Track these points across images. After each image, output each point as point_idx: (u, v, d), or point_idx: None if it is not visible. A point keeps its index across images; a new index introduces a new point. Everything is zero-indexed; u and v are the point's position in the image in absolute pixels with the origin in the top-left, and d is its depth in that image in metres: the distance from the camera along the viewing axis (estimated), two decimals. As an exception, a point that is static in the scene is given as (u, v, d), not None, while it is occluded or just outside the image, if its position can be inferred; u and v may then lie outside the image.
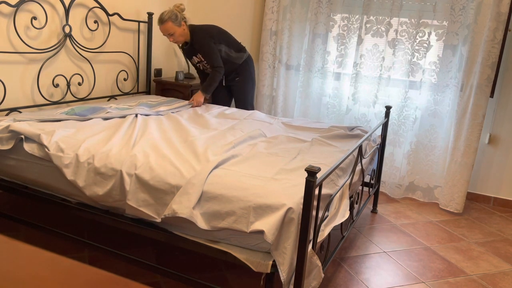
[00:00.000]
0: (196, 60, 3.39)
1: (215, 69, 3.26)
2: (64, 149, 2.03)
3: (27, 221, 2.25)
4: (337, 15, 3.58)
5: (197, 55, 3.33)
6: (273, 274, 1.62)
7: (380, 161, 3.09)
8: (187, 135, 2.36)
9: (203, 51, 3.26)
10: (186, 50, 3.38)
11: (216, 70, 3.26)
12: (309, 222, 1.53)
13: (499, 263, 2.54)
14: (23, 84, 2.73)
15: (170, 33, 3.15)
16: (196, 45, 3.27)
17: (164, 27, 3.13)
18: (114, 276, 0.48)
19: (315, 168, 1.50)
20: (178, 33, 3.17)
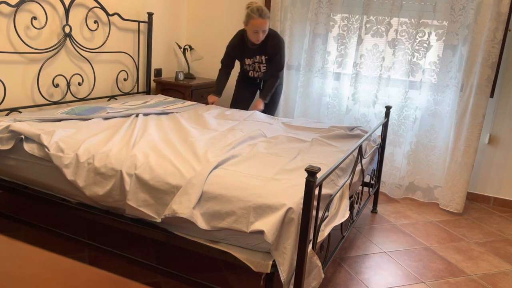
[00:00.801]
0: (254, 60, 3.31)
1: (277, 74, 3.28)
2: (64, 149, 2.03)
3: (27, 221, 2.25)
4: (337, 15, 3.58)
5: (261, 55, 3.27)
6: (273, 274, 1.62)
7: (380, 161, 3.09)
8: (187, 136, 2.36)
9: (280, 54, 3.25)
10: (251, 48, 3.26)
11: (278, 75, 3.29)
12: (309, 222, 1.53)
13: (499, 263, 2.54)
14: (23, 84, 2.73)
15: (264, 30, 3.07)
16: (271, 46, 3.21)
17: (266, 23, 3.05)
18: (114, 276, 0.48)
19: (315, 168, 1.50)
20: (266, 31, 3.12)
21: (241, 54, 3.34)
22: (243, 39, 3.28)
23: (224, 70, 3.42)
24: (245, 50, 3.31)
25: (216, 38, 4.16)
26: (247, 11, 3.09)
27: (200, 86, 3.89)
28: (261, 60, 3.31)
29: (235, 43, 3.32)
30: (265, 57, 3.30)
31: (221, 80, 3.42)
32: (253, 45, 3.25)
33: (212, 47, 4.19)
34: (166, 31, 3.99)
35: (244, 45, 3.29)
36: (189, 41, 4.27)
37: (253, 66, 3.37)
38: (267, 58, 3.30)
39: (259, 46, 3.24)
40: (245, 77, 3.51)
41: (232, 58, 3.38)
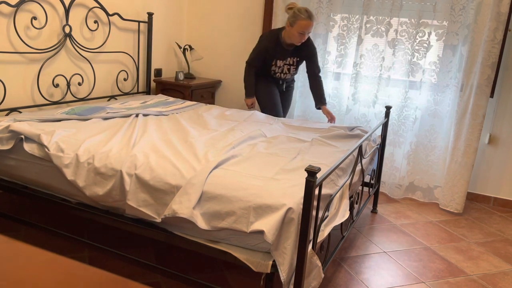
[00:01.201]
0: (285, 62, 3.26)
1: (319, 74, 3.29)
2: (64, 149, 2.03)
3: (27, 221, 2.25)
4: (337, 15, 3.58)
5: (293, 57, 3.25)
6: (273, 274, 1.62)
7: (380, 161, 3.09)
8: (187, 136, 2.36)
9: (316, 55, 3.27)
10: (287, 50, 3.20)
11: (320, 76, 3.31)
12: (309, 222, 1.53)
13: (499, 263, 2.54)
14: (23, 84, 2.73)
15: (309, 32, 3.06)
16: (306, 48, 3.20)
17: (313, 25, 3.03)
18: (114, 276, 0.48)
19: (315, 168, 1.50)
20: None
21: (273, 56, 3.23)
22: (278, 40, 3.18)
23: (252, 71, 3.31)
24: (279, 51, 3.21)
25: (216, 38, 4.16)
26: (293, 11, 3.02)
27: (200, 86, 3.89)
28: (292, 62, 3.26)
29: (269, 44, 3.19)
30: (296, 59, 3.25)
31: (252, 81, 3.31)
32: (289, 46, 3.18)
33: (212, 47, 4.19)
34: (166, 31, 4.00)
35: (279, 46, 3.19)
36: (189, 41, 4.27)
37: (282, 68, 3.28)
38: (298, 60, 3.27)
39: (294, 47, 3.20)
40: (268, 77, 3.40)
41: (263, 59, 3.25)
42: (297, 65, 3.33)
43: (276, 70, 3.29)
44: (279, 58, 3.23)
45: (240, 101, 4.16)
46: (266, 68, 3.31)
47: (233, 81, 4.17)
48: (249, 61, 3.28)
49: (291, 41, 3.11)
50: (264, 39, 3.24)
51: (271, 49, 3.19)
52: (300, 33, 3.01)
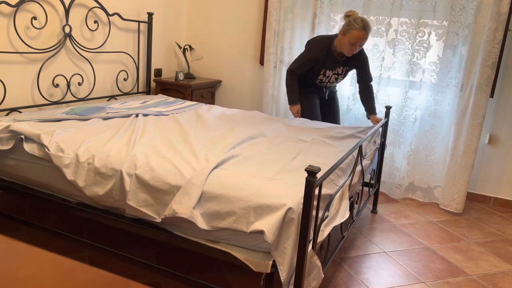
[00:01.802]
0: (335, 71, 3.07)
1: (371, 83, 3.12)
2: (64, 149, 2.03)
3: (27, 221, 2.25)
4: (337, 15, 3.58)
5: (343, 67, 3.07)
6: (273, 274, 1.62)
7: (380, 161, 3.09)
8: (187, 136, 2.36)
9: (368, 65, 3.08)
10: (337, 60, 3.01)
11: (372, 85, 3.13)
12: (309, 222, 1.53)
13: (499, 263, 2.54)
14: (23, 84, 2.73)
15: (362, 44, 2.86)
16: (358, 58, 3.02)
17: (367, 38, 2.83)
18: (114, 276, 0.48)
19: (315, 168, 1.50)
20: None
21: (323, 66, 3.01)
22: (330, 48, 2.97)
23: (296, 78, 3.11)
24: (329, 61, 3.00)
25: (216, 38, 4.16)
26: (349, 19, 2.81)
27: (200, 86, 3.89)
28: (342, 71, 3.09)
29: (320, 54, 2.97)
30: (346, 68, 3.08)
31: (296, 88, 3.12)
32: (341, 56, 3.00)
33: (212, 47, 4.19)
34: (166, 31, 4.00)
35: (330, 55, 2.98)
36: (189, 41, 4.27)
37: (330, 78, 3.10)
38: (348, 69, 3.10)
39: (346, 58, 3.02)
40: (311, 86, 3.21)
41: (309, 69, 3.04)
42: (345, 74, 3.15)
43: (323, 79, 3.10)
44: (328, 68, 3.03)
45: (240, 101, 4.16)
46: (311, 76, 3.09)
47: (233, 81, 4.17)
48: (293, 69, 3.06)
49: (341, 50, 2.92)
50: (314, 48, 3.01)
51: (321, 59, 2.98)
52: (351, 43, 2.81)
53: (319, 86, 3.19)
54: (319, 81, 3.11)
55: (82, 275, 0.48)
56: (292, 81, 3.09)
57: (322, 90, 3.23)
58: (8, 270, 0.48)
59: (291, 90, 3.11)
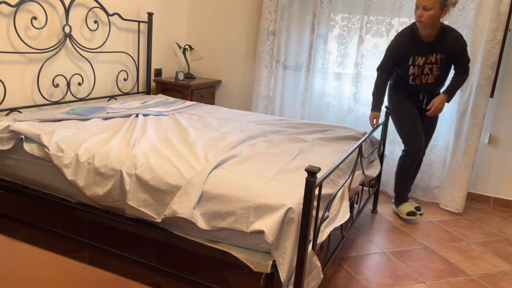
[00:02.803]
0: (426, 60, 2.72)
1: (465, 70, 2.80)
2: (64, 149, 2.03)
3: (27, 221, 2.25)
4: (337, 15, 3.58)
5: (437, 53, 2.68)
6: (273, 274, 1.62)
7: (380, 161, 3.08)
8: (187, 136, 2.36)
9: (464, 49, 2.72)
10: (425, 44, 2.68)
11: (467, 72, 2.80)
12: (309, 222, 1.53)
13: (499, 263, 2.54)
14: (23, 84, 2.73)
15: (426, 7, 2.54)
16: (451, 41, 2.66)
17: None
18: (114, 276, 0.48)
19: (315, 168, 1.50)
20: (432, 14, 2.55)
21: (409, 52, 2.71)
22: (413, 31, 2.69)
23: (383, 79, 2.78)
24: (415, 45, 2.70)
25: (216, 38, 4.16)
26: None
27: (200, 86, 3.89)
28: (435, 59, 2.68)
29: (402, 40, 2.71)
30: (439, 56, 2.66)
31: (381, 91, 2.80)
32: (428, 37, 2.66)
33: (212, 47, 4.19)
34: (166, 31, 4.00)
35: (414, 38, 2.69)
36: (189, 41, 4.27)
37: (423, 69, 2.72)
38: (442, 57, 2.68)
39: (436, 41, 2.66)
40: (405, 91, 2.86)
41: (395, 60, 2.72)
42: (443, 65, 2.70)
43: (415, 72, 2.73)
44: (417, 54, 2.70)
45: (240, 101, 4.16)
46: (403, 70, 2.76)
47: (233, 81, 4.17)
48: (379, 67, 2.80)
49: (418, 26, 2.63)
50: (396, 36, 2.79)
51: (405, 45, 2.70)
52: (415, 8, 2.61)
53: (415, 92, 2.83)
54: (411, 77, 2.74)
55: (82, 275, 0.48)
56: (378, 83, 2.79)
57: (418, 98, 2.86)
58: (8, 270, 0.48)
59: (373, 93, 2.82)
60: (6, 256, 0.51)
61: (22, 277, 0.47)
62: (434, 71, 2.68)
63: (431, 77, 2.70)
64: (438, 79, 2.76)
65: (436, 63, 2.68)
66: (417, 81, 2.72)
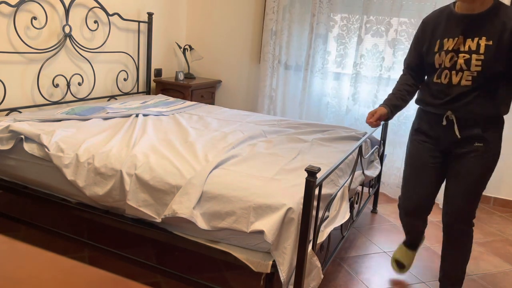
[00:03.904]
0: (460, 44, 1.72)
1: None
2: (64, 149, 2.03)
3: (27, 221, 2.25)
4: (337, 15, 3.58)
5: (480, 38, 1.68)
6: (273, 274, 1.62)
7: (380, 161, 3.08)
8: (187, 136, 2.36)
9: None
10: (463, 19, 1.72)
11: None
12: (309, 222, 1.53)
13: (499, 263, 2.54)
14: (23, 84, 2.73)
15: None
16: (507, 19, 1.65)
17: None
18: (114, 276, 0.48)
19: (315, 168, 1.50)
20: None
21: (436, 33, 1.81)
22: (448, 8, 1.81)
23: (405, 77, 2.01)
24: (445, 23, 1.79)
25: (216, 38, 4.16)
26: None
27: (200, 86, 3.89)
28: (478, 46, 1.68)
29: (430, 15, 1.88)
30: (487, 41, 1.67)
31: (398, 92, 1.99)
32: (466, 10, 1.72)
33: (212, 47, 4.19)
34: (166, 31, 4.00)
35: (448, 14, 1.79)
36: (189, 41, 4.27)
37: (454, 61, 1.73)
38: (492, 46, 1.65)
39: (480, 18, 1.69)
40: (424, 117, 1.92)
41: (419, 49, 1.89)
42: (490, 58, 1.66)
43: (442, 63, 1.77)
44: (446, 36, 1.76)
45: (240, 101, 4.16)
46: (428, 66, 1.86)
47: (233, 81, 4.17)
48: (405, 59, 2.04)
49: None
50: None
51: (431, 21, 1.84)
52: None
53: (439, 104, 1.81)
54: (438, 71, 1.79)
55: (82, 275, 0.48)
56: (397, 83, 2.05)
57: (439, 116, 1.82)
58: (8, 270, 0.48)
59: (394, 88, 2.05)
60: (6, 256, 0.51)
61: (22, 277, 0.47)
62: (472, 65, 1.67)
63: (468, 75, 1.69)
64: (478, 82, 1.69)
65: (477, 52, 1.66)
66: (444, 80, 1.76)
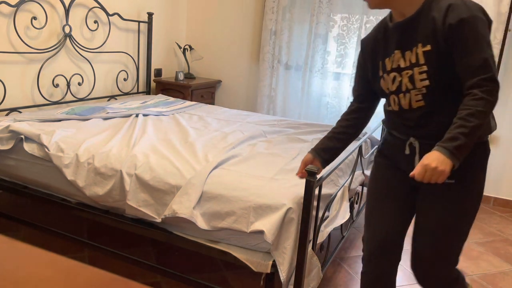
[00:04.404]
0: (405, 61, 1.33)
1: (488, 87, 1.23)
2: (64, 149, 2.03)
3: (27, 221, 2.25)
4: (337, 15, 3.58)
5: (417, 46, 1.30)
6: (273, 274, 1.62)
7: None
8: (187, 136, 2.36)
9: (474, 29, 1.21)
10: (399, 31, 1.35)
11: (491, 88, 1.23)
12: (309, 222, 1.53)
13: (499, 263, 2.54)
14: (23, 84, 2.73)
15: None
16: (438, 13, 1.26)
17: None
18: (114, 276, 0.48)
19: (315, 168, 1.50)
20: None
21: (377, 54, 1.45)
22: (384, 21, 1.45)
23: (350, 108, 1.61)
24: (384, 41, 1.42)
25: (216, 38, 4.16)
26: None
27: (200, 86, 3.89)
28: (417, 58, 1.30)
29: (371, 33, 1.49)
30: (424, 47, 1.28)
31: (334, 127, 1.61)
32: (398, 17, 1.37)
33: (212, 47, 4.19)
34: (166, 31, 4.00)
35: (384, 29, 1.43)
36: (189, 41, 4.27)
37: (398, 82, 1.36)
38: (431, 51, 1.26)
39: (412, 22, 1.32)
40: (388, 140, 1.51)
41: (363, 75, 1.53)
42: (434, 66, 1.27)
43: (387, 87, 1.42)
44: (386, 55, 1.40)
45: (240, 101, 4.16)
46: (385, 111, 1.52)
47: (233, 81, 4.17)
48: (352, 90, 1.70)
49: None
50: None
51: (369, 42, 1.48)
52: None
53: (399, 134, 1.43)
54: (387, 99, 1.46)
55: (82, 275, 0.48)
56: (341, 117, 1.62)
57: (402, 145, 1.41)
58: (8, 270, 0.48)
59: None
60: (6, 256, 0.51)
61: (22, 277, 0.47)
62: (417, 81, 1.30)
63: (416, 95, 1.32)
64: (432, 100, 1.31)
65: (418, 63, 1.29)
66: (394, 106, 1.40)
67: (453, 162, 1.18)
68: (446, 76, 1.27)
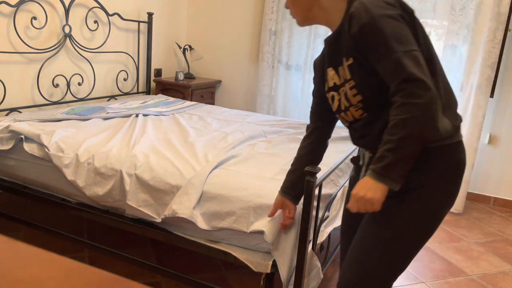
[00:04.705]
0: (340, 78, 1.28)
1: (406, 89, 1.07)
2: (64, 149, 2.03)
3: (27, 221, 2.25)
4: (337, 15, 3.58)
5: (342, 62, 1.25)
6: (273, 274, 1.62)
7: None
8: (187, 136, 2.36)
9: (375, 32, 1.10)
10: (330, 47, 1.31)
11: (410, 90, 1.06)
12: (309, 222, 1.53)
13: (499, 263, 2.54)
14: (23, 84, 2.73)
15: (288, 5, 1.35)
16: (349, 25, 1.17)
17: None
18: (114, 276, 0.48)
19: (315, 168, 1.50)
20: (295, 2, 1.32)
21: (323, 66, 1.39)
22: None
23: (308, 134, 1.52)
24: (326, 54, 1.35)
25: (216, 38, 4.16)
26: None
27: (200, 86, 3.89)
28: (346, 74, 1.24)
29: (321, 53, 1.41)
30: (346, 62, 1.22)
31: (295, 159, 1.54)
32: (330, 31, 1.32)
33: (212, 47, 4.19)
34: (166, 31, 3.99)
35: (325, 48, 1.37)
36: (189, 41, 4.27)
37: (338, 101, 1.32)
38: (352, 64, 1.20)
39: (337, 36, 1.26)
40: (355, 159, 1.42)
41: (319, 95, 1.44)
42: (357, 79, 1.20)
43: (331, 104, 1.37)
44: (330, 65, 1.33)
45: (240, 101, 4.16)
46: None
47: (233, 81, 4.17)
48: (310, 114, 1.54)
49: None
50: None
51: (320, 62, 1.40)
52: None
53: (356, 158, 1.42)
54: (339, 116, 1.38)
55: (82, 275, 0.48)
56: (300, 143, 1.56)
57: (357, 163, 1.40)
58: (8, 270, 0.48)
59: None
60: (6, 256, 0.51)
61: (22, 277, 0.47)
62: (350, 97, 1.25)
63: (355, 111, 1.26)
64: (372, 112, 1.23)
65: (347, 79, 1.24)
66: (345, 123, 1.37)
67: (387, 185, 1.07)
68: (375, 87, 1.18)
